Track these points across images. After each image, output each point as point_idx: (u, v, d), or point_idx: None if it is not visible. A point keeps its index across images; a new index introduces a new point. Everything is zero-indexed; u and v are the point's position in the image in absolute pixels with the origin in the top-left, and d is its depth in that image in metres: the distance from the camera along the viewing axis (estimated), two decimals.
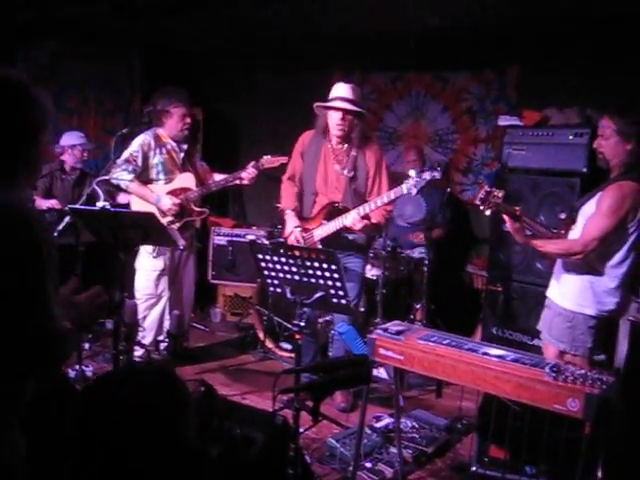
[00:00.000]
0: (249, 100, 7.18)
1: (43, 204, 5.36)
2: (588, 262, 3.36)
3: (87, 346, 5.11)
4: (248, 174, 4.80)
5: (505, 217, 3.54)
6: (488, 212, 3.53)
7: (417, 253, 5.66)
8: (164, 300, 4.93)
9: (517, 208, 3.51)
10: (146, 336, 4.83)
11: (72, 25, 5.69)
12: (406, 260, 5.61)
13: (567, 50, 5.20)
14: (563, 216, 4.28)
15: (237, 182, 4.91)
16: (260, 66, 6.92)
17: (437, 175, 4.08)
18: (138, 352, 4.70)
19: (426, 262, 5.13)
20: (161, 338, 4.95)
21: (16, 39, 5.91)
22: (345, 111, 4.25)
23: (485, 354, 2.83)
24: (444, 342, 2.95)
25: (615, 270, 3.36)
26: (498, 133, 5.61)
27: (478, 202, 3.51)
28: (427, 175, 4.04)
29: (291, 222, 4.54)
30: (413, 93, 6.53)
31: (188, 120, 4.87)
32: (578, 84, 5.13)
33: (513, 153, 4.94)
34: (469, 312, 5.57)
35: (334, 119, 4.30)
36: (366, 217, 4.25)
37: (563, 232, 3.57)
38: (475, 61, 5.93)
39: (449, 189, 5.79)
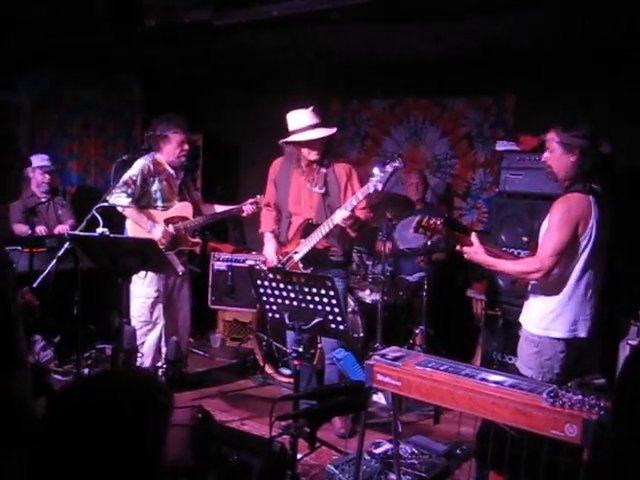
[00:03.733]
0: (249, 126, 7.22)
1: (24, 230, 5.37)
2: (549, 282, 3.27)
3: (86, 372, 5.10)
4: (247, 210, 4.93)
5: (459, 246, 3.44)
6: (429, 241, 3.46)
7: (416, 278, 5.67)
8: (159, 326, 4.93)
9: (472, 234, 3.45)
10: (144, 362, 4.82)
11: (73, 52, 5.74)
12: (405, 285, 5.61)
13: (563, 75, 5.26)
14: (526, 239, 4.22)
15: (236, 214, 5.03)
16: (259, 92, 6.97)
17: (398, 164, 4.09)
18: None
19: (425, 287, 5.13)
20: (160, 364, 4.94)
21: (18, 66, 5.97)
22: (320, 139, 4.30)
23: (483, 380, 2.81)
24: (441, 368, 2.94)
25: (576, 288, 3.27)
26: (496, 158, 5.66)
27: (412, 230, 3.48)
28: (389, 167, 4.06)
29: (269, 245, 4.61)
30: (411, 119, 6.58)
31: (186, 147, 4.90)
32: (573, 109, 5.17)
33: (510, 178, 4.97)
34: (469, 337, 5.57)
35: (309, 149, 4.34)
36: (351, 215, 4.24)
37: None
38: (472, 87, 5.99)
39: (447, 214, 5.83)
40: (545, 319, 3.32)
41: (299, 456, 3.12)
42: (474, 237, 3.42)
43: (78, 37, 5.17)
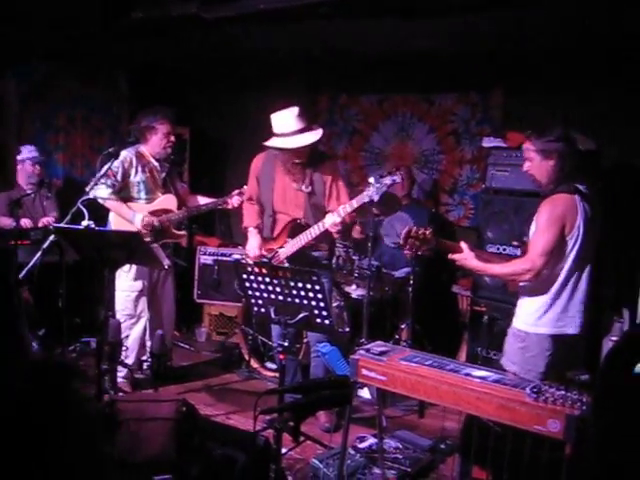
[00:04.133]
0: (236, 120, 7.20)
1: (8, 223, 5.33)
2: (538, 280, 3.31)
3: None
4: (233, 203, 4.85)
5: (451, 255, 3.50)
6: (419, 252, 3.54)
7: (402, 273, 5.67)
8: (144, 320, 4.92)
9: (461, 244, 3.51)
10: (129, 356, 4.81)
11: (60, 45, 5.70)
12: (391, 280, 5.62)
13: (550, 72, 5.27)
14: (516, 243, 4.27)
15: (221, 206, 4.96)
16: (247, 86, 6.95)
17: (397, 179, 4.09)
18: (121, 372, 4.68)
19: (411, 282, 5.14)
20: (144, 358, 4.93)
21: (5, 59, 5.91)
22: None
23: (467, 375, 2.84)
24: (426, 363, 2.95)
25: (565, 285, 3.32)
26: (483, 154, 5.66)
27: (402, 242, 3.51)
28: (387, 180, 4.06)
29: (253, 239, 4.58)
30: (399, 114, 6.57)
31: (172, 138, 4.89)
32: (561, 106, 5.19)
33: (497, 174, 4.98)
34: (454, 332, 5.59)
35: (295, 153, 4.30)
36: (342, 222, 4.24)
37: None
38: (460, 83, 5.99)
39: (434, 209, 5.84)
40: (533, 315, 3.35)
41: (283, 450, 3.13)
42: (463, 244, 3.48)
43: (64, 29, 5.13)
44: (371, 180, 4.08)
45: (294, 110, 4.25)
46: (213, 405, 4.84)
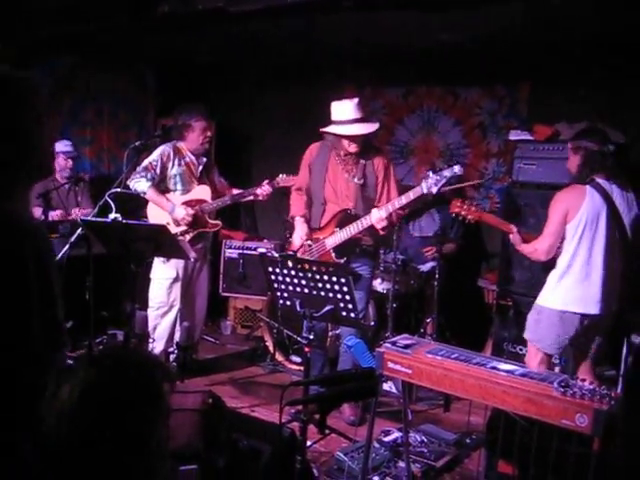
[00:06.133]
0: (261, 114, 7.21)
1: (48, 216, 5.38)
2: (556, 262, 3.78)
3: None
4: (263, 191, 4.88)
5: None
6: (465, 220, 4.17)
7: (428, 267, 5.65)
8: (175, 309, 4.95)
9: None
10: (156, 347, 4.85)
11: (89, 39, 5.75)
12: (417, 274, 5.60)
13: (578, 65, 5.21)
14: None
15: (251, 197, 4.98)
16: (272, 80, 6.95)
17: (457, 171, 4.07)
18: None
19: (437, 276, 5.12)
20: (171, 349, 4.96)
21: (34, 52, 5.97)
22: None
23: (493, 368, 2.81)
24: (452, 356, 2.94)
25: (571, 266, 3.71)
26: (509, 148, 5.62)
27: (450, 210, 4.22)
28: (447, 172, 4.03)
29: (299, 228, 4.57)
30: (424, 107, 6.54)
31: (209, 133, 4.98)
32: (588, 99, 5.14)
33: (524, 168, 4.95)
34: (480, 326, 5.56)
35: (350, 141, 4.31)
36: (387, 217, 4.23)
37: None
38: (486, 76, 5.95)
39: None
40: (547, 291, 3.81)
41: (308, 443, 3.14)
42: (513, 228, 4.03)
43: (92, 24, 5.17)
44: (429, 173, 4.08)
45: (354, 99, 4.29)
46: (238, 397, 4.87)
